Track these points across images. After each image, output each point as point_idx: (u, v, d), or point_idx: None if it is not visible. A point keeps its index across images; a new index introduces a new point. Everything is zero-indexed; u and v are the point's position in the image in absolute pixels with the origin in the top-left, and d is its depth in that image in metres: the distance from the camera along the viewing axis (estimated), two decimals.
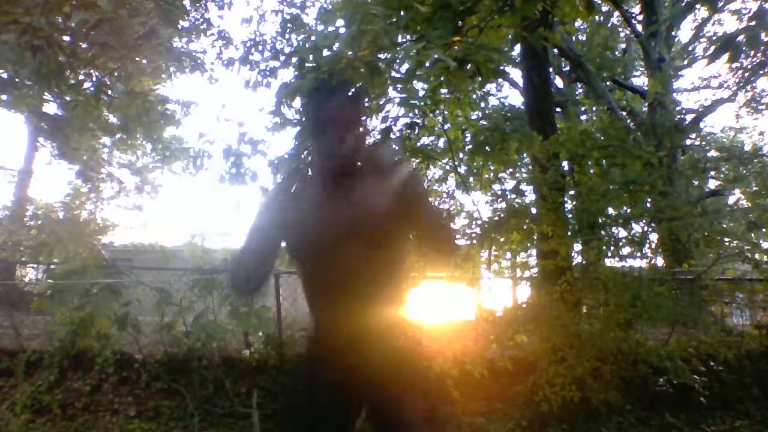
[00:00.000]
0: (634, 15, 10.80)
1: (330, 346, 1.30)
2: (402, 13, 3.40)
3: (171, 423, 4.33)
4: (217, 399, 4.42)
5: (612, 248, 4.80)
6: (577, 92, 11.70)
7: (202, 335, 4.52)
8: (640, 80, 12.43)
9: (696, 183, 9.59)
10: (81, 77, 6.24)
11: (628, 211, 4.76)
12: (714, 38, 10.66)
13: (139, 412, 4.41)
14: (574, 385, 4.01)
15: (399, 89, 3.54)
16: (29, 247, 8.14)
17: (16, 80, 4.80)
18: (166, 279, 5.14)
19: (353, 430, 1.32)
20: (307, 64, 2.88)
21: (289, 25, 7.16)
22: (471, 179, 5.94)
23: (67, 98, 6.95)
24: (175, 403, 4.44)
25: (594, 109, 10.74)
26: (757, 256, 5.01)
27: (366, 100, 1.44)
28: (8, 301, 6.49)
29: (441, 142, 6.45)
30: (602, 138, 4.83)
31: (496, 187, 5.69)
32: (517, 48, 5.97)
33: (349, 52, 2.73)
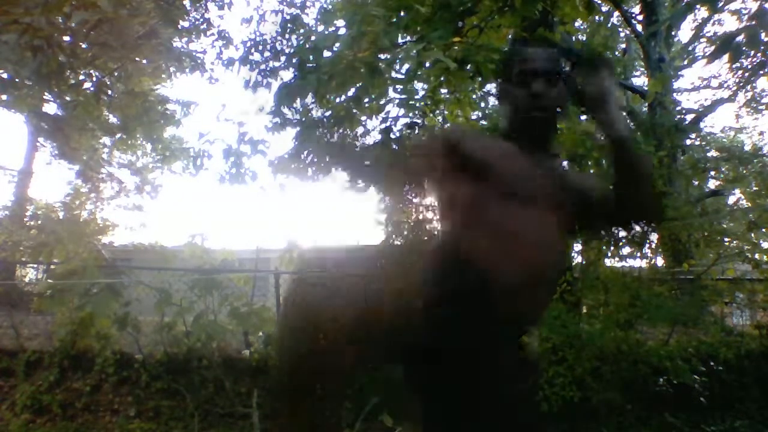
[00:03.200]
0: (634, 15, 10.80)
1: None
2: (402, 13, 3.41)
3: (171, 423, 4.34)
4: (217, 399, 4.42)
5: (612, 248, 4.80)
6: None
7: (202, 335, 4.52)
8: (640, 80, 12.44)
9: (696, 183, 9.58)
10: (81, 77, 6.25)
11: None
12: (714, 38, 10.66)
13: (139, 412, 4.42)
14: (574, 385, 4.02)
15: (399, 90, 3.55)
16: (29, 247, 8.13)
17: (16, 80, 4.80)
18: (166, 279, 5.15)
19: None
20: (307, 65, 2.89)
21: (289, 25, 7.16)
22: None
23: (67, 98, 6.95)
24: (175, 403, 4.44)
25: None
26: (757, 256, 5.02)
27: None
28: (8, 301, 6.49)
29: None
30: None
31: None
32: None
33: (350, 53, 2.73)
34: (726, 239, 5.96)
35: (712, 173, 10.18)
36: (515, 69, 1.29)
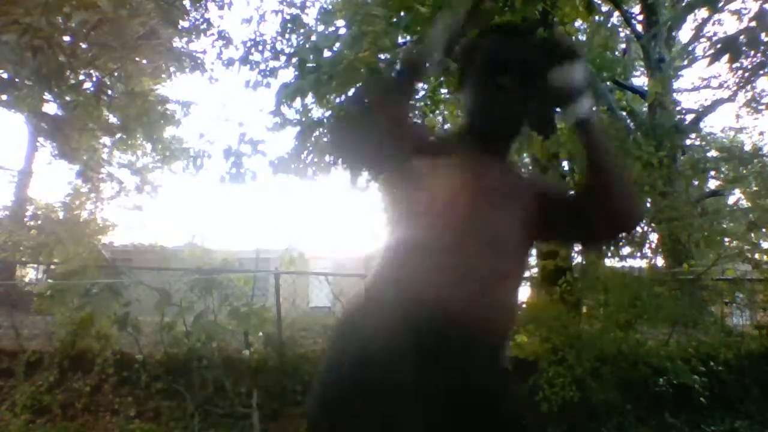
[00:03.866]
0: (634, 15, 10.80)
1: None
2: (402, 14, 3.41)
3: (171, 423, 4.33)
4: (217, 399, 4.42)
5: (612, 248, 4.80)
6: None
7: (202, 335, 4.53)
8: (640, 80, 12.42)
9: (696, 183, 9.56)
10: (81, 77, 6.25)
11: None
12: (714, 38, 10.65)
13: (139, 413, 4.41)
14: (574, 385, 4.02)
15: None
16: (29, 247, 8.14)
17: (16, 80, 4.80)
18: (166, 279, 5.15)
19: None
20: (307, 65, 2.90)
21: (289, 25, 7.16)
22: None
23: (67, 98, 6.95)
24: (175, 404, 4.44)
25: (594, 109, 10.70)
26: (757, 256, 5.03)
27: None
28: (8, 301, 6.48)
29: None
30: None
31: None
32: None
33: (350, 53, 2.73)
34: (726, 239, 5.96)
35: (712, 173, 10.17)
36: (481, 56, 1.11)
